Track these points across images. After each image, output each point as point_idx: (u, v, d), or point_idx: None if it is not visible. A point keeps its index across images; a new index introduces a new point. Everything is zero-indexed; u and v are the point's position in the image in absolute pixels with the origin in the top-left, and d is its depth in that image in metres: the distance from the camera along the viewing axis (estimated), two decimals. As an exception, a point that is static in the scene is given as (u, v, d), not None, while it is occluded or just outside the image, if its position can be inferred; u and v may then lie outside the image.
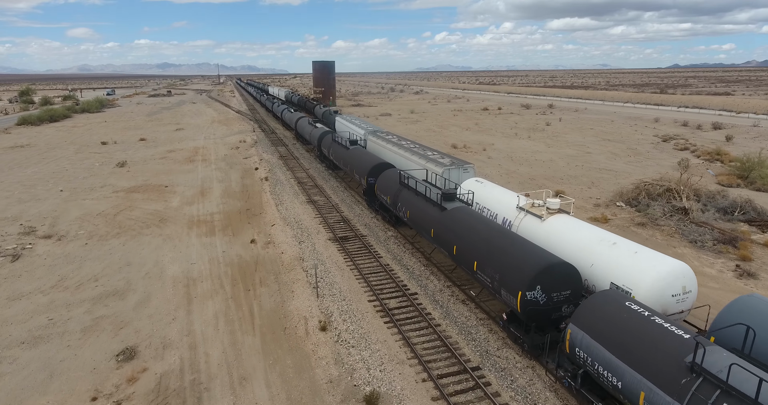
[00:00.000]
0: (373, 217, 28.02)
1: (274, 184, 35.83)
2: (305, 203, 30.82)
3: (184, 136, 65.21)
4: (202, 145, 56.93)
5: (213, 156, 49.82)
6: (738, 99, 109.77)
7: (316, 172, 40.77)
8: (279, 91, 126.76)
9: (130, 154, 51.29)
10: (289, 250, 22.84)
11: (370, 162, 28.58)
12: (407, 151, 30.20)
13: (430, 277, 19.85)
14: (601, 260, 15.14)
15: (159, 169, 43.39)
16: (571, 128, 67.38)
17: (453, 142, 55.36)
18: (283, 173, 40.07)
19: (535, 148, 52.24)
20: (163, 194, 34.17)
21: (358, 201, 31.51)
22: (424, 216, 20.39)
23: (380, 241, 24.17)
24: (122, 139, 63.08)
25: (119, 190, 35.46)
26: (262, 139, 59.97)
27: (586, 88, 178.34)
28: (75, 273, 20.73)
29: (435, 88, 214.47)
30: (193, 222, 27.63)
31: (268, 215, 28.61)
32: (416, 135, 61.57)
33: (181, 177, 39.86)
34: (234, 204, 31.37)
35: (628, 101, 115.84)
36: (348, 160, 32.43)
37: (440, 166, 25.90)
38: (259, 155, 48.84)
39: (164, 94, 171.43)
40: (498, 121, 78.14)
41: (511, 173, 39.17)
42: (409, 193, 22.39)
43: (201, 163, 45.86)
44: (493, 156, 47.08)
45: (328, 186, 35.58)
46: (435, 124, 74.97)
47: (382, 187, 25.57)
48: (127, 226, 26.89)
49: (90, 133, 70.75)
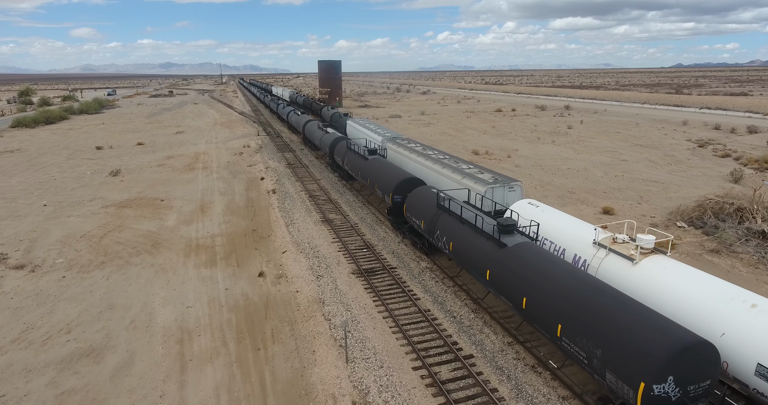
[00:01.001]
0: (400, 242, 24.06)
1: (283, 198, 31.93)
2: (320, 223, 26.89)
3: (184, 140, 61.42)
4: (203, 151, 53.10)
5: (215, 163, 45.97)
6: (760, 100, 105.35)
7: (328, 182, 36.85)
8: (283, 91, 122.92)
9: (126, 161, 47.49)
10: (306, 287, 18.92)
11: (396, 177, 24.64)
12: (438, 164, 26.23)
13: (485, 330, 15.89)
14: (737, 330, 11.17)
15: (155, 178, 39.54)
16: (596, 132, 63.28)
17: (473, 148, 51.39)
18: (292, 184, 36.16)
19: (563, 154, 48.21)
20: (158, 210, 30.32)
21: (380, 220, 27.56)
22: (474, 252, 16.45)
23: (413, 274, 20.23)
24: (119, 144, 59.33)
25: (109, 205, 31.62)
26: (267, 144, 56.11)
27: (597, 88, 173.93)
28: (45, 320, 16.87)
29: (441, 88, 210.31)
30: (190, 247, 23.74)
31: (278, 238, 24.70)
32: (432, 139, 57.61)
33: (180, 188, 36.02)
34: (238, 223, 27.48)
35: (645, 102, 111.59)
36: (367, 172, 28.51)
37: (481, 183, 21.94)
38: (264, 162, 44.97)
39: (166, 95, 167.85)
40: (515, 123, 74.08)
41: (546, 185, 35.17)
42: (451, 220, 18.44)
43: (202, 172, 42.01)
44: (520, 164, 43.07)
45: (343, 201, 31.65)
46: (449, 126, 70.97)
47: (414, 208, 21.64)
48: (114, 253, 23.02)
49: (86, 136, 67.05)
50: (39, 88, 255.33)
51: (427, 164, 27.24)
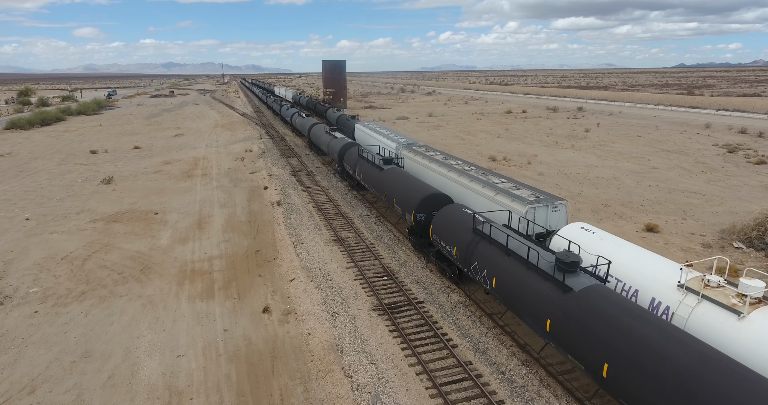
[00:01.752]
0: (424, 267, 21.08)
1: (289, 212, 28.98)
2: (331, 242, 23.91)
3: (183, 143, 58.55)
4: (202, 155, 50.21)
5: (215, 169, 43.06)
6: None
7: (337, 193, 33.88)
8: (286, 91, 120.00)
9: (120, 167, 44.61)
10: (320, 329, 15.96)
11: (419, 192, 21.66)
12: (464, 177, 23.23)
13: (542, 392, 12.89)
14: None
15: (150, 187, 36.64)
16: (616, 135, 60.18)
17: (489, 153, 48.40)
18: (298, 195, 33.21)
19: (586, 160, 45.16)
20: (150, 225, 27.39)
21: (398, 240, 24.57)
22: (526, 293, 13.48)
23: (445, 311, 17.24)
24: (115, 147, 56.49)
25: (98, 219, 28.72)
26: (271, 148, 53.19)
27: (606, 89, 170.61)
28: (5, 373, 13.95)
29: (446, 88, 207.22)
30: (185, 273, 20.80)
31: (285, 262, 21.75)
32: (443, 144, 54.65)
33: (176, 199, 33.11)
34: (239, 242, 24.53)
35: (659, 103, 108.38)
36: (383, 184, 25.54)
37: (520, 202, 18.94)
38: (268, 169, 42.04)
39: (166, 95, 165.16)
40: (529, 126, 71.01)
41: (576, 197, 32.15)
42: (493, 251, 15.45)
43: (200, 180, 39.10)
44: (543, 172, 40.04)
45: (356, 215, 28.67)
46: (460, 129, 67.94)
47: (442, 230, 18.67)
48: (97, 280, 20.10)
49: (81, 139, 64.25)
50: (40, 88, 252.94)
51: (451, 176, 24.25)
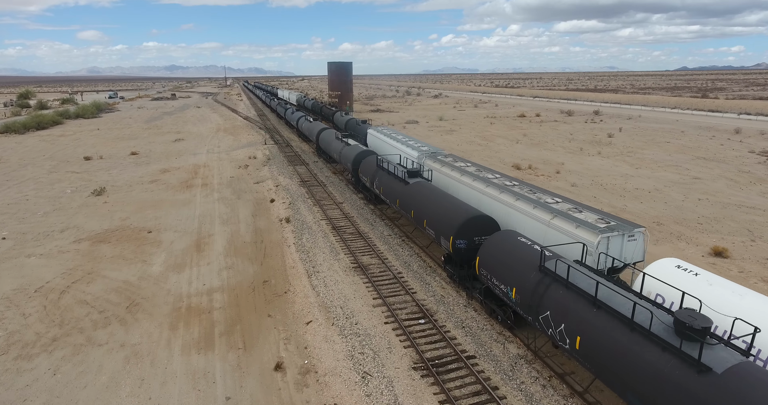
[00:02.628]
0: (466, 304, 17.57)
1: (300, 230, 25.54)
2: (351, 271, 20.44)
3: (183, 149, 55.26)
4: (203, 162, 46.88)
5: (216, 179, 39.69)
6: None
7: (353, 207, 30.42)
8: (290, 94, 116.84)
9: (114, 176, 41.29)
10: (349, 398, 12.47)
11: (458, 213, 18.18)
12: (508, 194, 19.73)
13: None
14: None
15: (145, 199, 33.27)
16: (643, 141, 56.63)
17: (511, 161, 44.93)
18: (308, 209, 29.78)
19: (618, 169, 41.64)
20: (142, 247, 23.97)
21: (430, 267, 21.07)
22: (636, 369, 9.96)
23: (504, 370, 13.71)
24: (110, 153, 53.23)
25: (84, 238, 25.32)
26: (276, 155, 49.82)
27: (616, 92, 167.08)
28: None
29: (452, 91, 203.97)
30: (179, 311, 17.35)
31: (298, 296, 18.30)
32: (460, 150, 51.23)
33: (173, 214, 29.72)
34: (244, 269, 21.09)
35: (675, 107, 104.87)
36: (410, 201, 22.09)
37: (588, 229, 15.45)
38: (274, 178, 38.65)
39: (168, 98, 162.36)
40: (547, 131, 67.52)
41: (622, 213, 28.61)
42: (574, 300, 11.93)
43: (201, 191, 35.72)
44: (576, 182, 36.53)
45: (376, 234, 25.18)
46: (475, 134, 64.50)
47: (495, 264, 15.19)
48: (73, 322, 16.66)
49: (76, 144, 61.05)
50: (42, 91, 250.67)
51: (490, 193, 20.76)
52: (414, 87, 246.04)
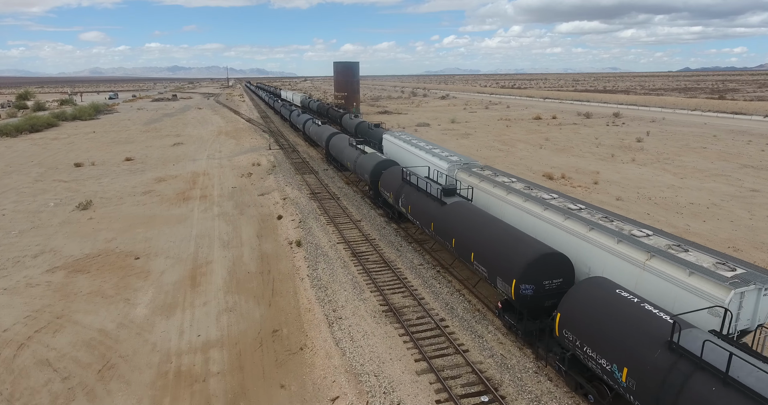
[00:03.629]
0: (538, 371, 13.57)
1: (314, 257, 21.62)
2: (382, 317, 16.48)
3: (182, 154, 51.47)
4: (203, 170, 43.03)
5: (216, 189, 35.82)
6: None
7: (373, 226, 26.45)
8: (293, 95, 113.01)
9: (105, 186, 37.47)
10: None
11: (524, 249, 14.19)
12: (576, 221, 15.75)
13: None
14: None
15: (136, 215, 29.41)
16: (677, 147, 52.54)
17: (540, 169, 40.96)
18: (322, 229, 25.84)
19: (661, 178, 37.59)
20: (127, 279, 20.08)
21: (480, 312, 17.04)
22: None
23: None
24: (104, 159, 49.47)
25: (59, 266, 21.46)
26: (282, 161, 45.94)
27: (627, 93, 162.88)
28: None
29: (459, 92, 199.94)
30: (165, 380, 13.43)
31: (318, 357, 14.35)
32: (480, 156, 47.29)
33: (166, 233, 25.83)
34: (249, 312, 17.17)
35: (695, 109, 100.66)
36: (449, 226, 18.14)
37: (712, 280, 11.49)
38: (280, 189, 34.76)
39: (169, 99, 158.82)
40: (569, 134, 63.49)
41: (686, 235, 24.55)
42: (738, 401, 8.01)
43: (198, 204, 31.84)
44: (620, 195, 32.49)
45: (405, 263, 21.22)
46: (492, 138, 60.51)
47: (585, 328, 11.22)
48: (28, 395, 12.76)
49: (69, 148, 57.33)
50: (43, 92, 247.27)
51: (552, 220, 16.73)
52: (419, 88, 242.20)
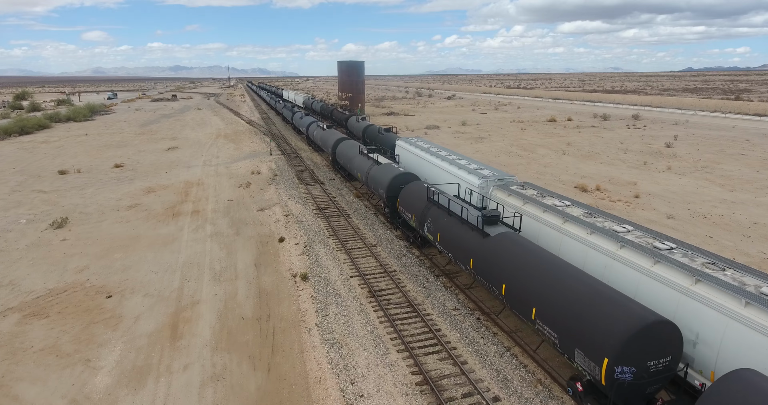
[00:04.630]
0: None
1: (324, 297, 17.71)
2: (417, 397, 12.53)
3: (176, 160, 47.64)
4: (197, 179, 39.17)
5: (211, 203, 31.94)
6: None
7: (391, 252, 22.51)
8: (296, 95, 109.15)
9: (87, 198, 33.63)
10: None
11: (614, 314, 10.20)
12: (680, 272, 11.81)
13: None
14: None
15: (117, 235, 25.53)
16: (712, 153, 48.46)
17: (569, 179, 36.99)
18: (331, 256, 21.91)
19: (709, 191, 33.57)
20: (92, 328, 16.18)
21: (542, 385, 13.11)
22: None
23: None
24: (91, 165, 45.68)
25: (14, 307, 17.56)
26: (284, 169, 42.06)
27: (638, 94, 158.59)
28: None
29: (465, 92, 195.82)
30: None
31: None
32: (499, 163, 43.37)
33: (148, 260, 21.95)
34: (242, 383, 13.25)
35: (715, 110, 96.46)
36: (499, 269, 14.21)
37: None
38: (282, 204, 30.88)
39: (168, 99, 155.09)
40: (590, 138, 59.44)
41: (765, 266, 20.60)
42: None
43: (190, 221, 27.95)
44: (670, 213, 28.47)
45: (436, 307, 17.24)
46: (509, 142, 56.51)
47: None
48: None
49: (57, 152, 53.56)
50: (44, 91, 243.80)
51: (638, 264, 12.78)
52: (423, 88, 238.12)
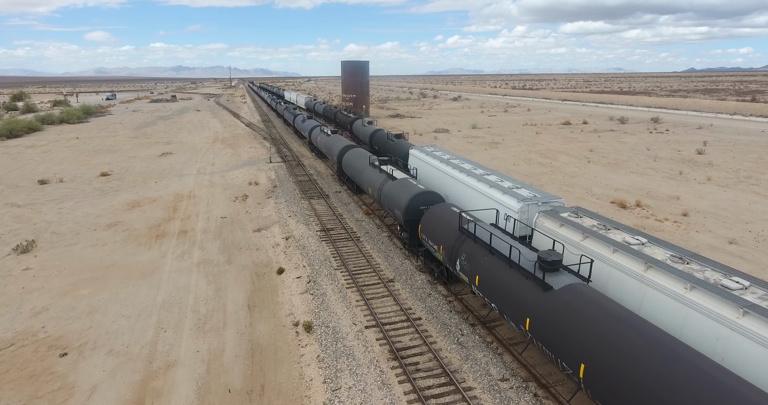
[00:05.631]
0: None
1: (333, 361, 13.93)
2: None
3: (168, 168, 43.96)
4: (189, 190, 35.47)
5: (201, 221, 28.20)
6: None
7: (412, 291, 18.71)
8: (297, 97, 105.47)
9: (64, 213, 29.94)
10: None
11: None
12: None
13: None
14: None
15: (88, 262, 21.79)
16: (750, 161, 44.51)
17: (602, 192, 33.17)
18: (340, 296, 18.13)
19: (764, 208, 29.71)
20: (33, 404, 12.50)
21: None
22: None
23: None
24: (76, 173, 42.05)
25: (-59, 371, 13.89)
26: (284, 179, 38.33)
27: (649, 95, 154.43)
28: None
29: (470, 93, 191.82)
30: None
31: None
32: (520, 172, 39.56)
33: (120, 299, 18.19)
34: None
35: (735, 113, 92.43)
36: (572, 339, 10.43)
37: None
38: (282, 222, 27.12)
39: (167, 100, 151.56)
40: (613, 144, 55.53)
41: None
42: None
43: (175, 244, 24.21)
44: (730, 237, 24.58)
45: (478, 375, 13.44)
46: (526, 148, 52.65)
47: None
48: None
49: (42, 158, 49.98)
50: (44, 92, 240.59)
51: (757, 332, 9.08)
52: (427, 88, 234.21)
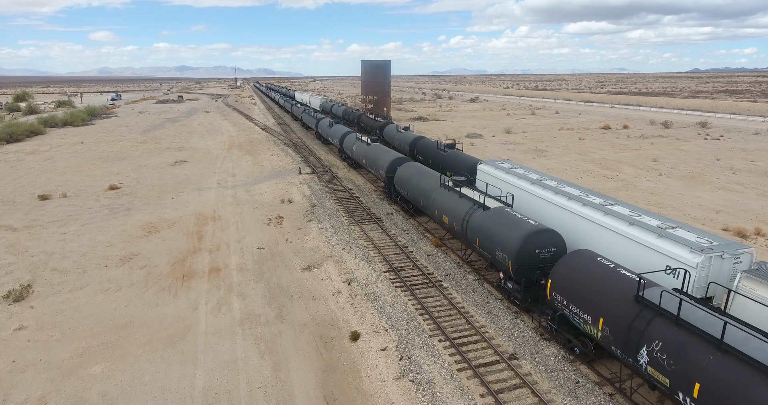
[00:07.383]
0: None
1: None
2: None
3: (184, 179, 38.90)
4: (212, 210, 30.36)
5: (235, 254, 23.02)
6: None
7: (548, 375, 13.54)
8: (310, 98, 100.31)
9: (68, 241, 24.83)
10: None
11: None
12: None
13: None
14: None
15: (98, 319, 16.64)
16: None
17: (703, 215, 27.94)
18: (455, 387, 12.93)
19: None
20: None
21: None
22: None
23: None
24: (81, 186, 37.06)
25: None
26: (321, 196, 33.15)
27: (673, 96, 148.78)
28: None
29: (486, 94, 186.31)
30: None
31: None
32: (589, 187, 34.34)
33: (144, 382, 12.98)
34: None
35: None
36: None
37: None
38: (336, 257, 21.96)
39: (174, 100, 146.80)
40: (673, 152, 50.16)
41: None
42: None
43: (207, 290, 19.05)
44: None
45: None
46: (578, 157, 47.35)
47: None
48: None
49: (44, 166, 45.03)
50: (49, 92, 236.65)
51: None
52: (437, 89, 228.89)
